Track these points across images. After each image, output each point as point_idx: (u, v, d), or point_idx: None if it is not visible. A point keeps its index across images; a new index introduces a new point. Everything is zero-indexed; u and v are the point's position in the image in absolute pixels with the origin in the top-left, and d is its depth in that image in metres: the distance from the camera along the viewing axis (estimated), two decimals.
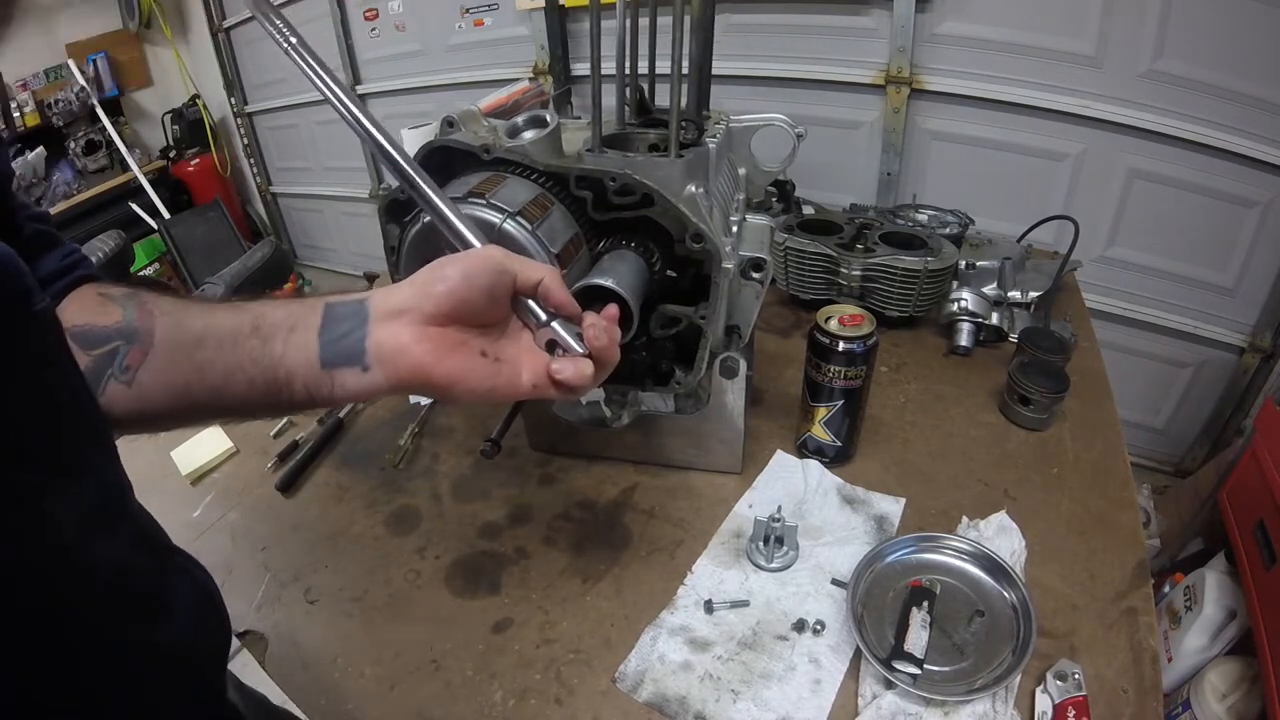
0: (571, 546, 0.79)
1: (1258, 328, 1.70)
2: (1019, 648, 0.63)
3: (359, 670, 0.68)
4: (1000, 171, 1.78)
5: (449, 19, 2.43)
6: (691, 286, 0.74)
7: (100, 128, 3.03)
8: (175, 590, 0.38)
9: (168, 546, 0.41)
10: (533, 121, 0.74)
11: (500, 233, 0.63)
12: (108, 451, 0.35)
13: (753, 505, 0.82)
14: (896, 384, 1.03)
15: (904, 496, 0.82)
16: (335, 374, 0.41)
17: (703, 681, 0.64)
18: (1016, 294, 1.13)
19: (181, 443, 0.97)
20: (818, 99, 1.90)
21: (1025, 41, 1.63)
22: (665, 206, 0.68)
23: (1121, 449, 0.89)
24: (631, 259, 0.68)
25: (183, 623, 0.38)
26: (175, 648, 0.37)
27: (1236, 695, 1.13)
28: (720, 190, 0.80)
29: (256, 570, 0.79)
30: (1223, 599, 1.23)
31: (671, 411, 0.82)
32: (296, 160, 3.41)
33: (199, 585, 0.41)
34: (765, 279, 0.76)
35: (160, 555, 0.39)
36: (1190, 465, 1.93)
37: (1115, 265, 1.78)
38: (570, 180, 0.70)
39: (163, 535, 0.40)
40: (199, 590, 0.41)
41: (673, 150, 0.69)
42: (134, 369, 0.41)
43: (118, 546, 0.34)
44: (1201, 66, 1.49)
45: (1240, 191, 1.57)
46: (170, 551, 0.41)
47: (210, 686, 0.42)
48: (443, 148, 0.74)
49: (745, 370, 0.78)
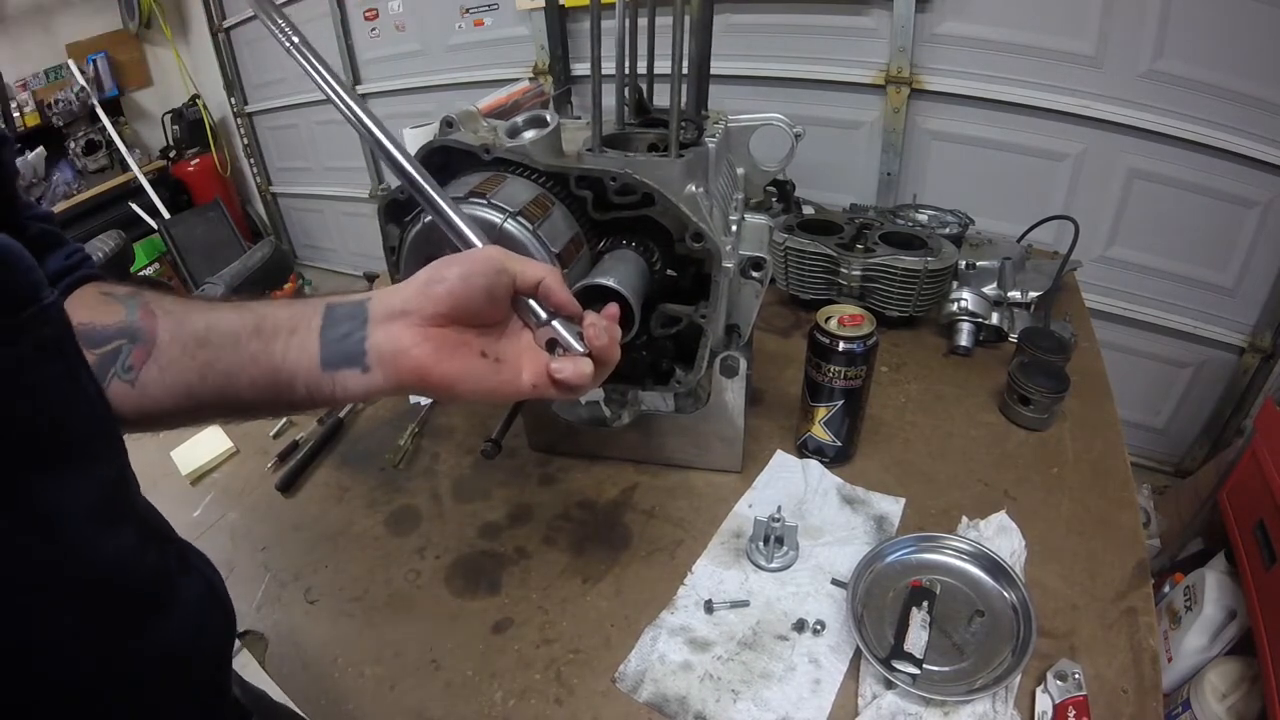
0: (571, 546, 0.79)
1: (1258, 328, 1.70)
2: (1019, 648, 0.63)
3: (359, 670, 0.68)
4: (1000, 171, 1.78)
5: (449, 19, 2.43)
6: (691, 286, 0.74)
7: (100, 128, 3.03)
8: (180, 584, 0.38)
9: (174, 540, 0.41)
10: (533, 121, 0.74)
11: (501, 232, 0.63)
12: (115, 445, 0.35)
13: (753, 505, 0.82)
14: (896, 384, 1.03)
15: (904, 496, 0.82)
16: (336, 375, 0.42)
17: (703, 681, 0.64)
18: (1016, 294, 1.13)
19: (181, 443, 0.97)
20: (818, 99, 1.90)
21: (1025, 41, 1.63)
22: (666, 206, 0.68)
23: (1121, 449, 0.89)
24: (632, 258, 0.68)
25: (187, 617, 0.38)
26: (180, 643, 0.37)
27: (1236, 695, 1.13)
28: (719, 190, 0.80)
29: (256, 570, 0.79)
30: (1223, 599, 1.23)
31: (671, 411, 0.82)
32: (296, 160, 3.41)
33: (204, 579, 0.42)
34: (765, 278, 0.76)
35: (166, 549, 0.39)
36: (1190, 465, 1.93)
37: (1115, 265, 1.78)
38: (571, 180, 0.70)
39: (169, 529, 0.40)
40: (204, 584, 0.41)
41: (673, 150, 0.69)
42: (137, 369, 0.41)
43: (124, 538, 0.34)
44: (1201, 66, 1.49)
45: (1240, 191, 1.57)
46: (176, 545, 0.41)
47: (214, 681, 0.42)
48: (442, 148, 0.74)
49: (745, 369, 0.78)
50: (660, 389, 0.78)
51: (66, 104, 2.92)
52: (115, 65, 3.13)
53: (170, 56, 3.30)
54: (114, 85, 3.14)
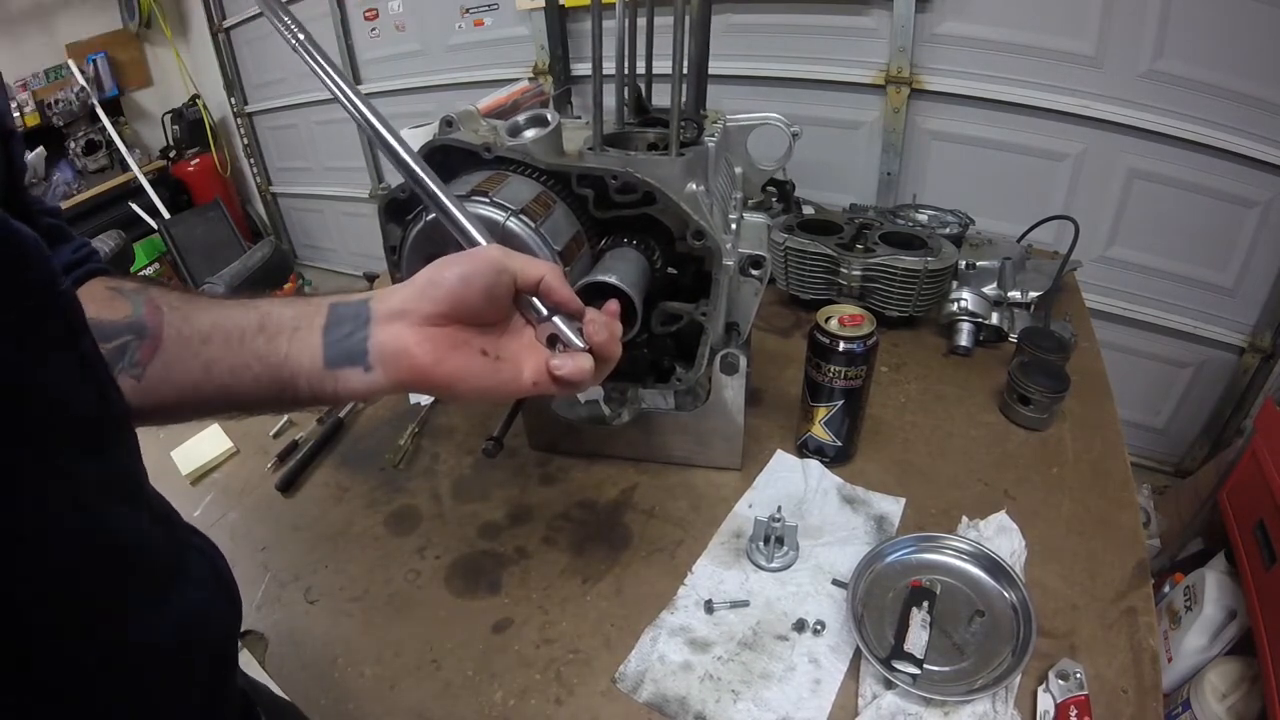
0: (572, 546, 0.79)
1: (1257, 328, 1.70)
2: (1019, 648, 0.63)
3: (359, 670, 0.68)
4: (1000, 171, 1.78)
5: (449, 19, 2.43)
6: (692, 284, 0.74)
7: (100, 128, 3.03)
8: (190, 564, 0.39)
9: (183, 524, 0.41)
10: (534, 120, 0.74)
11: (504, 230, 0.64)
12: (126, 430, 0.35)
13: (753, 505, 0.82)
14: (896, 384, 1.03)
15: (904, 496, 0.82)
16: (338, 374, 0.42)
17: (703, 682, 0.64)
18: (1016, 294, 1.13)
19: (181, 442, 0.97)
20: (818, 99, 1.90)
21: (1025, 41, 1.63)
22: (666, 204, 0.68)
23: (1121, 449, 0.89)
24: (633, 256, 0.68)
25: (196, 595, 0.38)
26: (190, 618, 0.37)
27: (1236, 695, 1.13)
28: (719, 188, 0.80)
29: (256, 570, 0.79)
30: (1223, 599, 1.23)
31: (672, 408, 0.82)
32: (296, 160, 3.42)
33: (211, 561, 0.42)
34: (764, 276, 0.76)
35: (176, 532, 0.39)
36: (1190, 465, 1.93)
37: (1115, 265, 1.78)
38: (572, 179, 0.70)
39: (177, 515, 0.41)
40: (212, 566, 0.41)
41: (673, 149, 0.70)
42: (144, 364, 0.41)
43: (139, 519, 0.34)
44: (1201, 66, 1.49)
45: (1240, 191, 1.57)
46: (185, 529, 0.41)
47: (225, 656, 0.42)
48: (443, 147, 0.74)
49: (745, 366, 0.78)
50: (661, 387, 0.78)
51: (66, 104, 2.92)
52: (115, 65, 3.14)
53: (170, 56, 3.30)
54: (114, 85, 3.14)
